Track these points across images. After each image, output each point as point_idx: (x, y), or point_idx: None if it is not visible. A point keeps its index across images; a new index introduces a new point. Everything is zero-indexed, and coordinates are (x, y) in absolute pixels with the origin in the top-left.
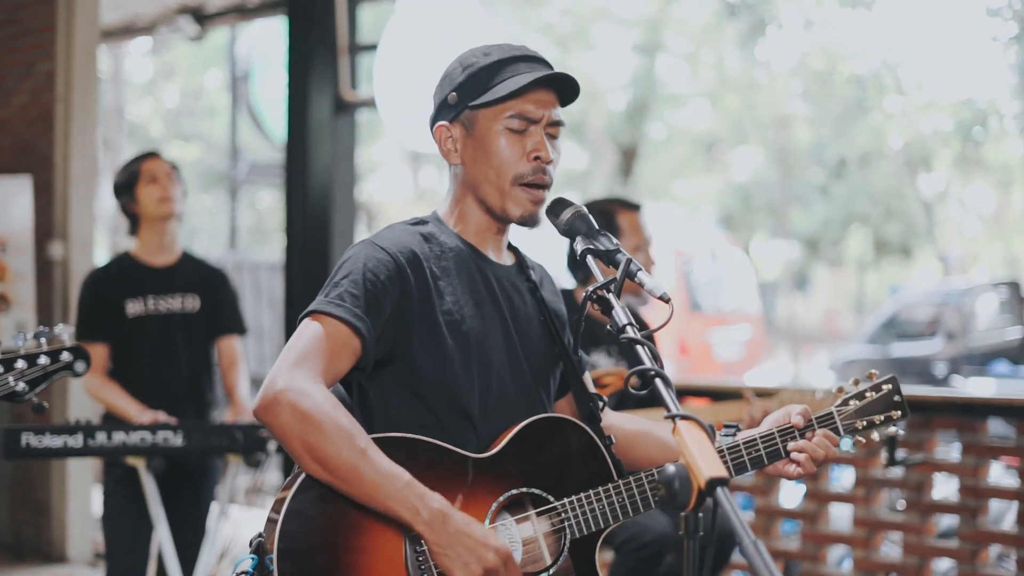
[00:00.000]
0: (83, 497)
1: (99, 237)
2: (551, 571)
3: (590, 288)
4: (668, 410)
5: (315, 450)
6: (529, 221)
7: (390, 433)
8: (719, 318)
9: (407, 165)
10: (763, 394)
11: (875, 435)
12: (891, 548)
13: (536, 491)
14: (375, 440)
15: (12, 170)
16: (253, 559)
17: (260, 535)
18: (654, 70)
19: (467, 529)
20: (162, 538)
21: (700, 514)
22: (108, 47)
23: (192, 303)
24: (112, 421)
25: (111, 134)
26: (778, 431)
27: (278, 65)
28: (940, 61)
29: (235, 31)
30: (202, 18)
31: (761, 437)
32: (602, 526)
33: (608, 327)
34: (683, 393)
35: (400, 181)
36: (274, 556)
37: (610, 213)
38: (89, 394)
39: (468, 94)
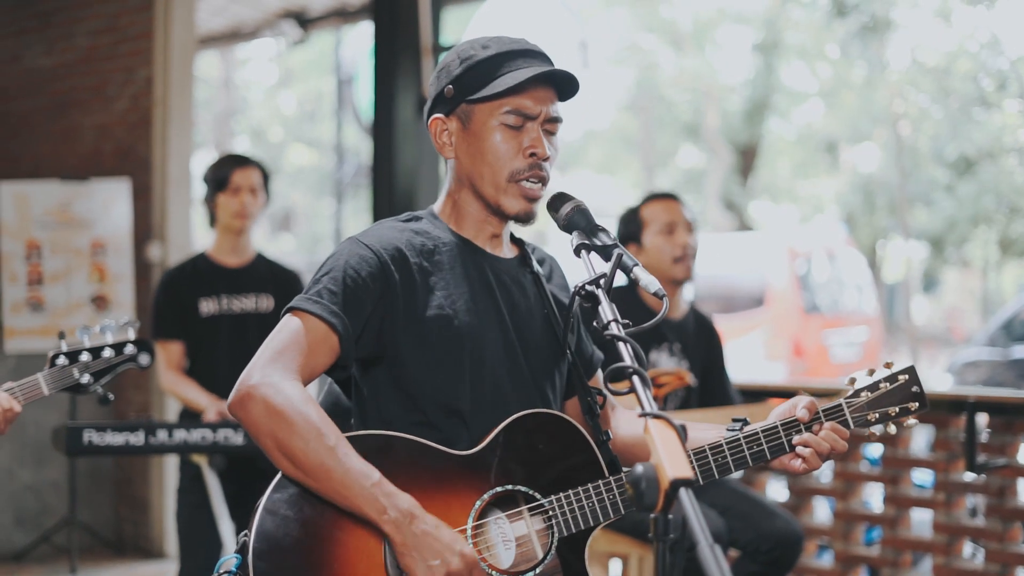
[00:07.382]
0: None
1: (203, 237)
2: (537, 570)
3: (578, 283)
4: (641, 408)
5: (285, 446)
6: (524, 218)
7: (368, 431)
8: (836, 319)
9: None
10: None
11: (892, 428)
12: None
13: (522, 488)
14: (353, 437)
15: (113, 174)
16: (237, 558)
17: (245, 534)
18: (772, 69)
19: (435, 532)
20: (225, 535)
21: (670, 516)
22: (220, 53)
23: (266, 303)
24: (186, 418)
25: (223, 138)
26: (782, 424)
27: None
28: None
29: (340, 34)
30: (305, 22)
31: (764, 431)
32: (591, 524)
33: (594, 323)
34: (770, 395)
35: None
36: (250, 556)
37: (634, 210)
38: (164, 390)
39: (465, 88)
